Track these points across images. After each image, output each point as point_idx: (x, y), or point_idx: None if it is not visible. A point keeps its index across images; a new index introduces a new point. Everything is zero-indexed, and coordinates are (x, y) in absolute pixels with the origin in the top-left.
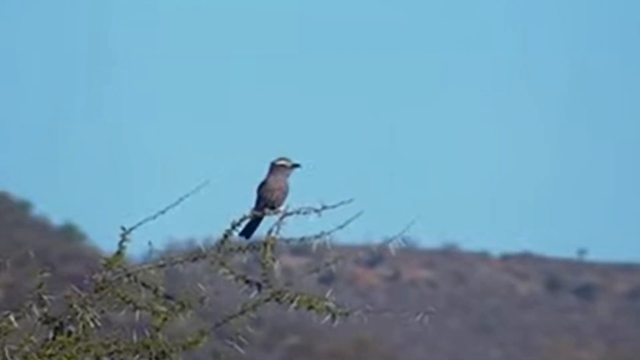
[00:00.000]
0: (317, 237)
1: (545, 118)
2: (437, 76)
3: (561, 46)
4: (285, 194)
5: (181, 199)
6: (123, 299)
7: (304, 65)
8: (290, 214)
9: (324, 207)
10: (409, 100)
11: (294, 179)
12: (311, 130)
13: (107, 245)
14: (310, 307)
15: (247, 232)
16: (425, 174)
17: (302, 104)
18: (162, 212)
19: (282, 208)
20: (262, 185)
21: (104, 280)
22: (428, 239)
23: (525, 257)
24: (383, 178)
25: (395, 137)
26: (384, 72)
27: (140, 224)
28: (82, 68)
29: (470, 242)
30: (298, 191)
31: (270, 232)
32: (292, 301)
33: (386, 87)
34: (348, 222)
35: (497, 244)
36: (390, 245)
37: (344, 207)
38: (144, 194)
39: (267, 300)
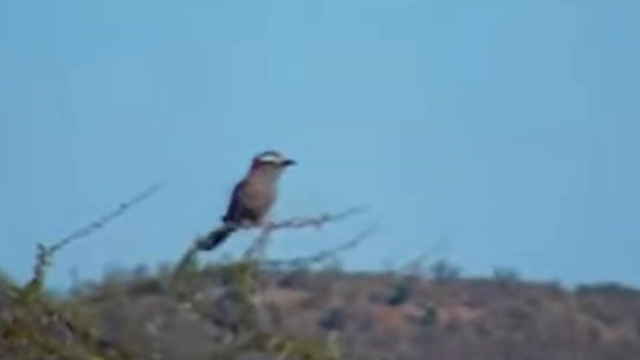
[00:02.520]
0: (315, 259)
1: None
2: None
3: None
4: (270, 200)
5: (124, 206)
6: (44, 346)
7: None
8: (279, 226)
9: (326, 218)
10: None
11: (285, 180)
12: (308, 120)
13: (16, 272)
14: (307, 357)
15: (211, 242)
16: (467, 176)
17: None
18: (98, 225)
19: (266, 219)
20: (241, 187)
21: (15, 321)
22: (475, 266)
23: (611, 292)
24: (409, 181)
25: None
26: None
27: (66, 241)
28: None
29: (535, 270)
30: (290, 196)
31: (249, 252)
32: (280, 349)
33: (397, 80)
34: (361, 237)
35: (572, 272)
36: (420, 274)
37: (354, 219)
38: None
39: (246, 348)
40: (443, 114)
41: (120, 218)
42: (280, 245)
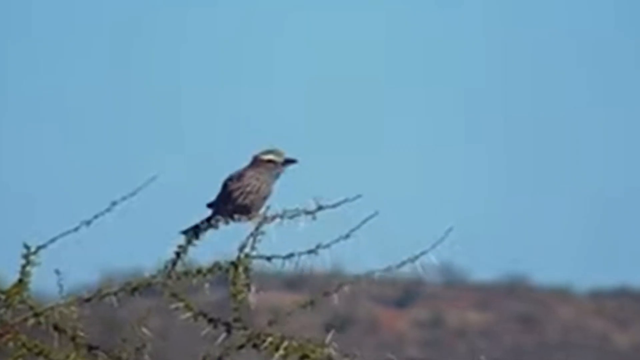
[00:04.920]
0: (310, 252)
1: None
2: None
3: None
4: (265, 197)
5: (114, 204)
6: (31, 350)
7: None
8: (272, 218)
9: (320, 208)
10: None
11: (286, 179)
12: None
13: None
14: (305, 357)
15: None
16: (476, 178)
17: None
18: (87, 222)
19: (259, 212)
20: (235, 180)
21: (2, 323)
22: (484, 268)
23: (623, 295)
24: (416, 182)
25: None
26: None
27: (53, 240)
28: None
29: (546, 273)
30: (291, 191)
31: (242, 247)
32: (277, 348)
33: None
34: (359, 226)
35: (584, 275)
36: (428, 276)
37: (352, 210)
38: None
39: (241, 347)
40: (450, 114)
41: (118, 218)
42: (281, 247)
